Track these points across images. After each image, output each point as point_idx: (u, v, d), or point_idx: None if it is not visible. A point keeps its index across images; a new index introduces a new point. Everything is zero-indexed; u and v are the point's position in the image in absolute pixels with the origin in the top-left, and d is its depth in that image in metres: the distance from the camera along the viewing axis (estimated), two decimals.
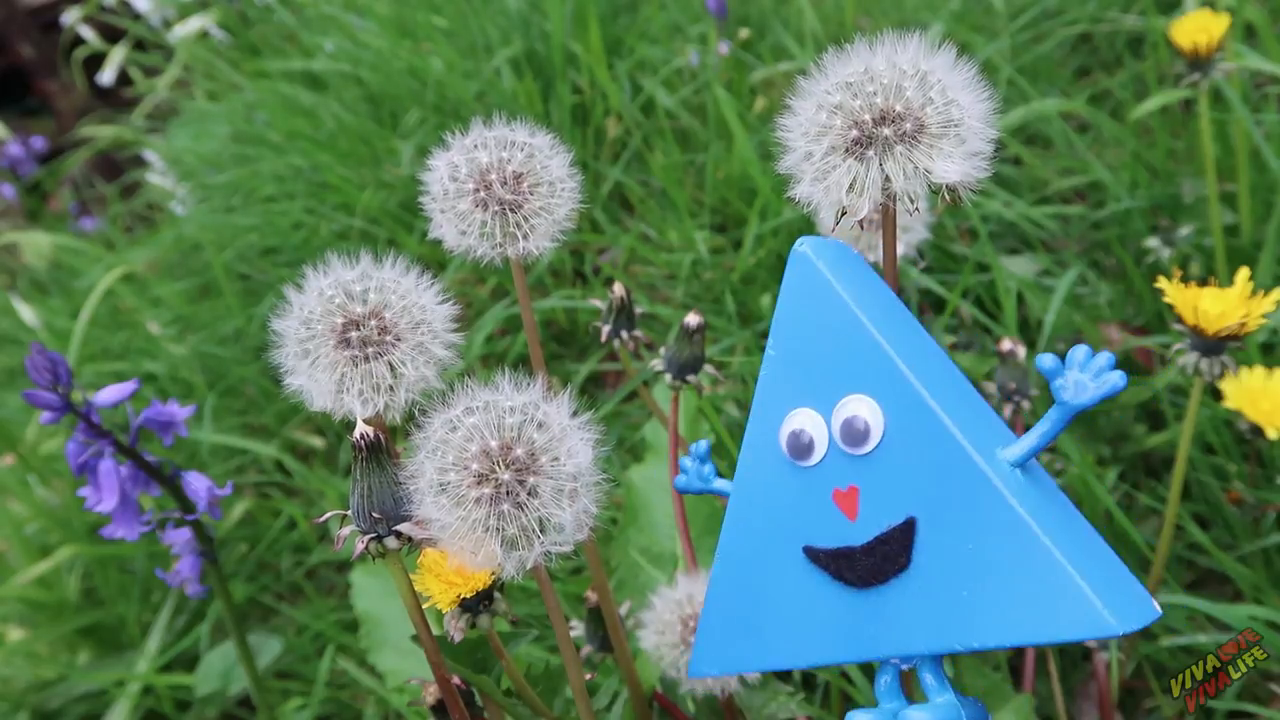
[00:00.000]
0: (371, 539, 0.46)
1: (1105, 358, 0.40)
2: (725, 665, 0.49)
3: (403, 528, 0.46)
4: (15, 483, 1.18)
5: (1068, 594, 0.40)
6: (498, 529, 0.44)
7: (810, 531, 0.45)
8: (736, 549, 0.48)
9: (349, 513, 0.47)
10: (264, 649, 0.98)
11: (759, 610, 0.47)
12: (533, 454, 0.44)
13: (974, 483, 0.42)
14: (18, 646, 1.09)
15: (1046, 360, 0.41)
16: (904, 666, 0.45)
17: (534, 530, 0.44)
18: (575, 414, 0.46)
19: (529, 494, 0.44)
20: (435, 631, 0.53)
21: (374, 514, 0.46)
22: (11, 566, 1.15)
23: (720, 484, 0.53)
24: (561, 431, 0.45)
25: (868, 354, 0.44)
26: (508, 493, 0.44)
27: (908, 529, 0.43)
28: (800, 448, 0.45)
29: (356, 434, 0.45)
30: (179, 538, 0.77)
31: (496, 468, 0.44)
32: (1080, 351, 0.41)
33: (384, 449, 0.46)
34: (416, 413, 0.47)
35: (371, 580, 0.91)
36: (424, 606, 0.50)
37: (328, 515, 0.49)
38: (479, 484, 0.44)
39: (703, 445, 0.53)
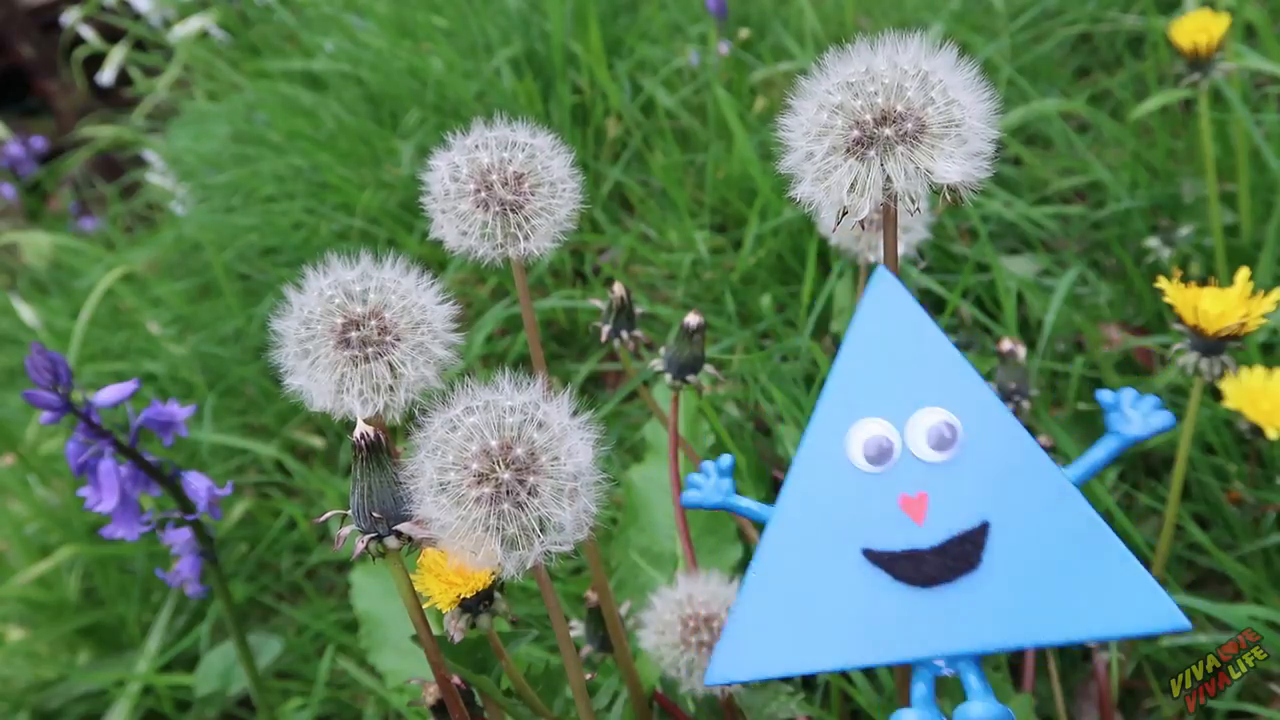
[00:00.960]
0: (372, 539, 0.47)
1: (1153, 399, 0.46)
2: (755, 669, 0.48)
3: (403, 527, 0.46)
4: (15, 483, 1.18)
5: (1144, 592, 0.43)
6: (498, 528, 0.44)
7: (872, 534, 0.47)
8: (785, 553, 0.49)
9: (349, 512, 0.47)
10: (264, 649, 0.98)
11: (806, 613, 0.48)
12: (533, 453, 0.44)
13: (1054, 491, 0.45)
14: (18, 646, 1.09)
15: (1106, 396, 0.47)
16: (947, 671, 0.46)
17: (534, 530, 0.44)
18: (575, 414, 0.46)
19: (529, 493, 0.44)
20: (435, 631, 0.53)
21: (374, 514, 0.46)
22: (11, 566, 1.15)
23: (744, 502, 0.53)
24: (561, 431, 0.45)
25: (950, 371, 0.47)
26: (508, 492, 0.44)
27: (982, 532, 0.45)
28: (874, 455, 0.47)
29: (357, 434, 0.45)
30: (179, 538, 0.77)
31: (496, 467, 0.44)
32: (1128, 394, 0.47)
33: (384, 449, 0.46)
34: (416, 413, 0.47)
35: (371, 580, 0.91)
36: (424, 606, 0.50)
37: (328, 515, 0.49)
38: (479, 483, 0.44)
39: (726, 459, 0.54)
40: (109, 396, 0.71)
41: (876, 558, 0.46)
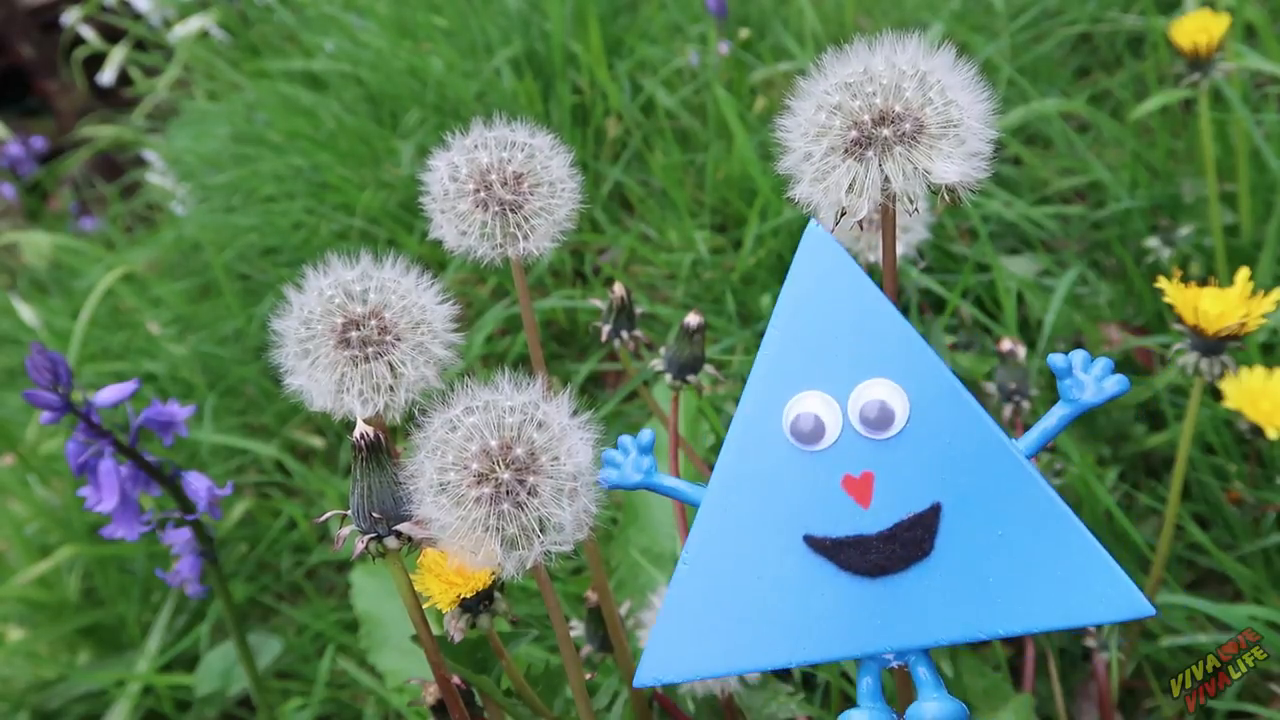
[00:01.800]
0: (371, 539, 0.46)
1: (1105, 362, 0.43)
2: (687, 669, 0.45)
3: (403, 527, 0.46)
4: (15, 483, 1.18)
5: (1105, 577, 0.41)
6: (498, 528, 0.44)
7: (813, 519, 0.43)
8: (718, 541, 0.45)
9: (349, 512, 0.47)
10: (264, 649, 0.98)
11: (743, 606, 0.44)
12: (533, 453, 0.44)
13: (1007, 470, 0.42)
14: (18, 646, 1.09)
15: (1059, 360, 0.43)
16: (895, 664, 0.43)
17: (534, 530, 0.44)
18: (575, 414, 0.46)
19: (529, 493, 0.44)
20: (435, 631, 0.53)
21: (374, 514, 0.46)
22: (11, 566, 1.15)
23: (668, 481, 0.48)
24: (561, 431, 0.45)
25: (893, 338, 0.44)
26: (508, 492, 0.44)
27: (933, 515, 0.42)
28: (809, 432, 0.43)
29: (357, 434, 0.45)
30: (179, 538, 0.77)
31: (496, 467, 0.44)
32: (1079, 356, 0.43)
33: (384, 448, 0.46)
34: (416, 413, 0.47)
35: (371, 580, 0.91)
36: (424, 606, 0.50)
37: (328, 515, 0.49)
38: (479, 483, 0.44)
39: (646, 435, 0.48)
40: (109, 396, 0.71)
41: (819, 545, 0.43)
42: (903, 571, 0.42)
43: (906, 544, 0.42)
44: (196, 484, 0.74)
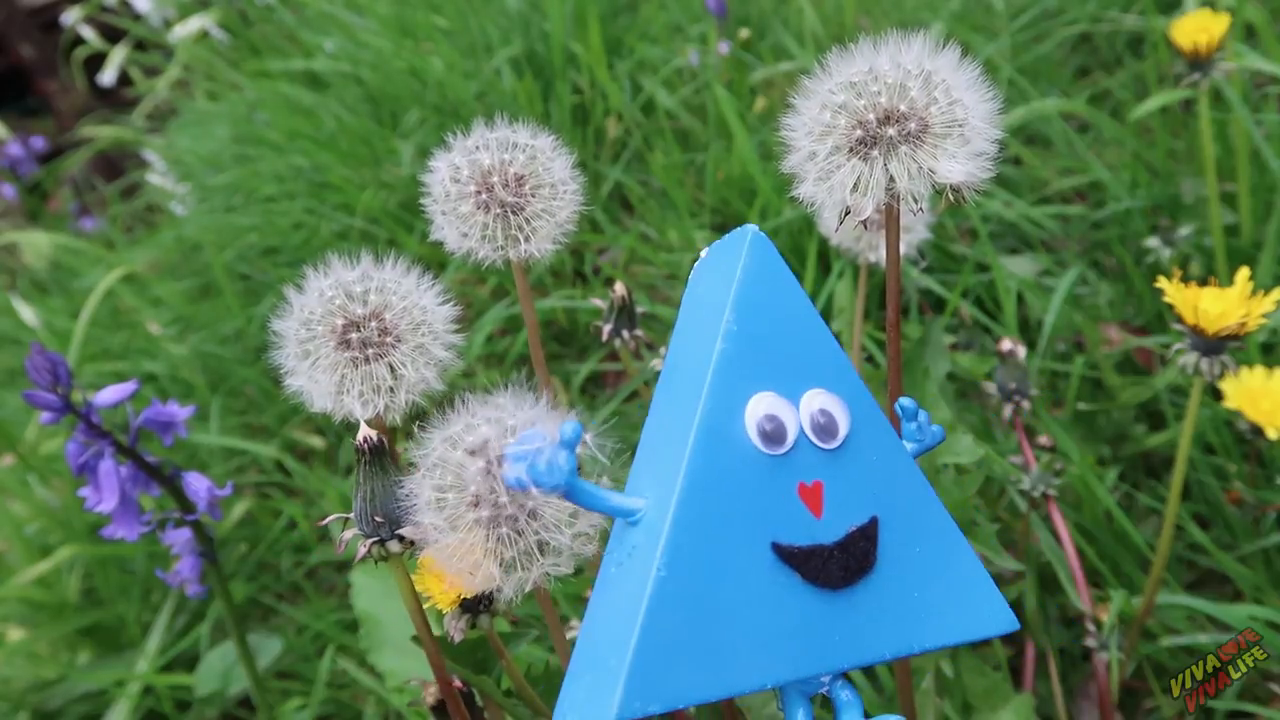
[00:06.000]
0: (374, 542, 0.46)
1: (924, 414, 0.47)
2: (670, 698, 0.39)
3: (405, 531, 0.46)
4: (15, 483, 1.18)
5: (984, 594, 0.43)
6: (495, 552, 0.42)
7: (779, 526, 0.41)
8: (693, 549, 0.40)
9: (351, 516, 0.47)
10: (264, 649, 0.98)
11: (721, 620, 0.40)
12: None
13: (919, 490, 0.43)
14: (18, 646, 1.09)
15: (907, 402, 0.46)
16: (825, 688, 0.42)
17: (533, 553, 0.43)
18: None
19: (529, 517, 0.42)
20: (436, 632, 0.53)
21: (376, 518, 0.46)
22: (11, 566, 1.15)
23: (591, 486, 0.41)
24: None
25: (826, 352, 0.44)
26: (507, 516, 0.42)
27: (874, 528, 0.42)
28: (772, 433, 0.41)
29: (360, 438, 0.45)
30: (179, 538, 0.77)
31: (496, 489, 0.42)
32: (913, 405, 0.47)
33: (387, 453, 0.46)
34: (417, 414, 0.47)
35: (371, 580, 0.91)
36: (425, 607, 0.50)
37: (330, 518, 0.48)
38: (477, 506, 0.42)
39: (570, 427, 0.40)
40: (109, 397, 0.71)
41: (786, 553, 0.41)
42: (855, 585, 0.41)
43: (857, 556, 0.42)
44: (196, 484, 0.74)
